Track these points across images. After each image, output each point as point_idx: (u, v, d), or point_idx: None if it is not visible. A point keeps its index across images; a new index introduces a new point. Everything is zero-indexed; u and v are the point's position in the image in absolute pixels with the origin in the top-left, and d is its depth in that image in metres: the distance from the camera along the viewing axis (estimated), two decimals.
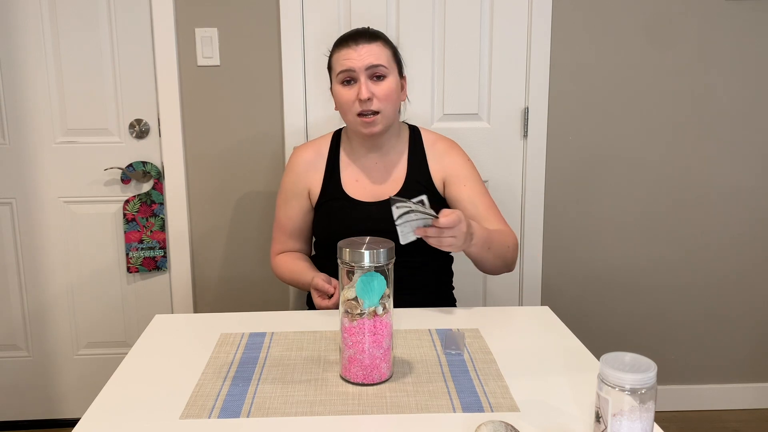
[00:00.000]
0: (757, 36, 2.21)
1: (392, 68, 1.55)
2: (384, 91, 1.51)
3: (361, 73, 1.50)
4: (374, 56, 1.51)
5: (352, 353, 1.08)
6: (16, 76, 2.15)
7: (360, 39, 1.52)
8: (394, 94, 1.54)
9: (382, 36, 1.56)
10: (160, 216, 2.25)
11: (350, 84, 1.53)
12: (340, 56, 1.53)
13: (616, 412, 0.84)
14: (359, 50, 1.51)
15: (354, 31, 1.56)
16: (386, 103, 1.52)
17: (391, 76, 1.53)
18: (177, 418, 1.00)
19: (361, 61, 1.50)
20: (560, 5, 2.17)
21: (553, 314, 1.42)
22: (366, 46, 1.51)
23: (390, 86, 1.53)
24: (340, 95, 1.55)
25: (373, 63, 1.50)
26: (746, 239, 2.36)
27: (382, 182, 1.62)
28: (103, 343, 2.34)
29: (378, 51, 1.52)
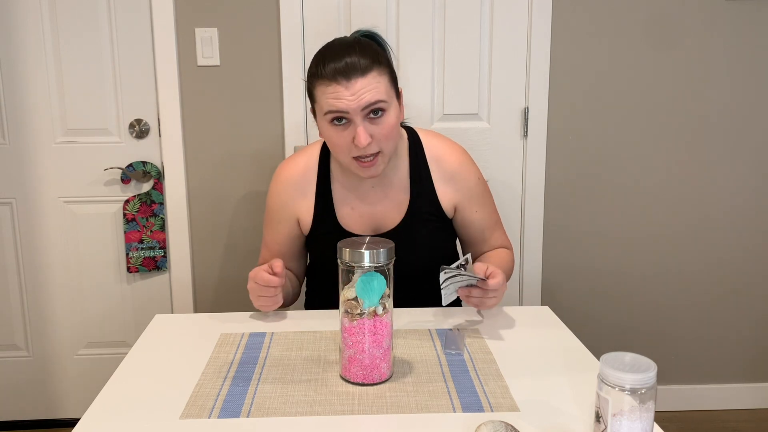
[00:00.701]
0: (757, 36, 2.21)
1: (391, 97, 1.29)
2: (385, 129, 1.28)
3: (356, 114, 1.25)
4: (372, 92, 1.24)
5: (352, 353, 1.08)
6: (16, 76, 2.15)
7: (352, 73, 1.23)
8: (396, 127, 1.31)
9: (375, 57, 1.27)
10: (160, 216, 2.25)
11: (342, 123, 1.27)
12: (326, 93, 1.25)
13: (616, 412, 0.84)
14: (352, 88, 1.23)
15: (344, 64, 1.24)
16: (388, 141, 1.30)
17: (391, 109, 1.29)
18: (177, 418, 1.00)
19: (357, 102, 1.23)
20: (560, 5, 2.17)
21: (553, 314, 1.42)
22: (360, 80, 1.23)
23: (391, 121, 1.28)
24: (330, 137, 1.30)
25: (370, 101, 1.24)
26: (746, 239, 2.36)
27: (381, 211, 1.43)
28: (103, 343, 2.34)
29: (375, 84, 1.25)
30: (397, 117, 1.31)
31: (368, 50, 1.27)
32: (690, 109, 2.26)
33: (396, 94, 1.33)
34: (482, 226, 1.51)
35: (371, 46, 1.30)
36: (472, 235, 1.53)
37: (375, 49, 1.30)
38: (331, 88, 1.24)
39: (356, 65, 1.24)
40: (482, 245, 1.55)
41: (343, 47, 1.27)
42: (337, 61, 1.24)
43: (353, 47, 1.27)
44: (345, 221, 1.44)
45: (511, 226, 2.23)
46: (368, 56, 1.26)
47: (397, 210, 1.44)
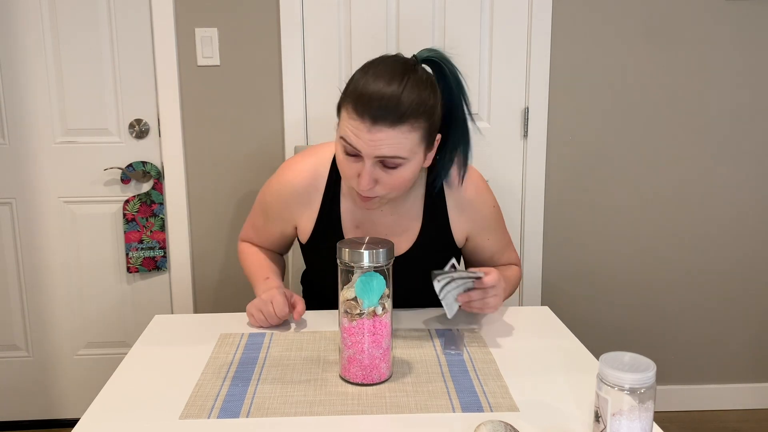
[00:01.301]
0: (757, 36, 2.21)
1: (416, 152, 1.17)
2: (394, 180, 1.18)
3: (368, 158, 1.15)
4: (393, 147, 1.13)
5: (351, 353, 1.08)
6: (16, 76, 2.15)
7: (381, 121, 1.11)
8: (409, 180, 1.21)
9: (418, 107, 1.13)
10: (160, 216, 2.25)
11: (354, 157, 1.18)
12: (349, 123, 1.14)
13: (616, 411, 0.84)
14: (374, 134, 1.12)
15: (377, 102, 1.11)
16: (394, 191, 1.21)
17: (409, 164, 1.17)
18: (176, 418, 1.00)
19: (372, 149, 1.13)
20: (560, 5, 2.17)
21: (552, 314, 1.42)
22: (386, 131, 1.12)
23: (404, 176, 1.18)
24: (341, 161, 1.21)
25: (386, 155, 1.14)
26: (747, 239, 2.35)
27: (389, 235, 1.34)
28: (103, 343, 2.34)
29: (399, 140, 1.13)
30: (414, 171, 1.20)
31: (413, 96, 1.13)
32: (690, 109, 2.25)
33: (428, 144, 1.20)
34: (492, 252, 1.46)
35: (422, 88, 1.15)
36: (481, 260, 1.48)
37: (423, 95, 1.15)
38: (354, 121, 1.14)
39: (388, 114, 1.11)
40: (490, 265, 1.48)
41: (390, 82, 1.12)
42: (373, 98, 1.12)
43: (397, 92, 1.12)
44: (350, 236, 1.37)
45: (511, 226, 2.22)
46: (407, 107, 1.12)
47: (407, 237, 1.37)
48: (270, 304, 1.29)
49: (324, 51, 2.17)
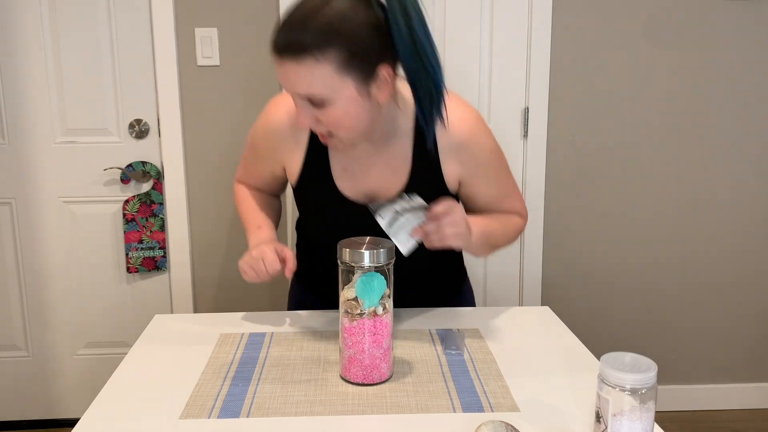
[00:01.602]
0: (757, 36, 2.21)
1: (339, 88, 1.06)
2: (330, 118, 1.10)
3: (293, 95, 1.10)
4: (302, 84, 1.06)
5: (352, 353, 1.08)
6: (16, 76, 2.15)
7: (284, 54, 1.05)
8: (349, 118, 1.11)
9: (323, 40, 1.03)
10: (160, 216, 2.25)
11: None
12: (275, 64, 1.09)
13: (617, 412, 0.84)
14: (283, 69, 1.06)
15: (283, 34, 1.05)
16: (339, 129, 1.13)
17: (339, 102, 1.08)
18: (177, 418, 1.00)
19: (287, 86, 1.09)
20: (560, 5, 2.17)
21: (553, 314, 1.42)
22: (291, 66, 1.05)
23: (337, 115, 1.09)
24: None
25: (300, 92, 1.08)
26: (746, 239, 2.36)
27: (377, 178, 1.27)
28: (103, 343, 2.34)
29: (306, 77, 1.05)
30: (351, 109, 1.09)
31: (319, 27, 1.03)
32: (690, 108, 2.25)
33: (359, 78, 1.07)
34: (488, 200, 1.32)
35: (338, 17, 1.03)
36: (476, 208, 1.34)
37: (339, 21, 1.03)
38: (274, 61, 1.08)
39: (289, 46, 1.04)
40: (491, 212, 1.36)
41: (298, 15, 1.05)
42: (281, 31, 1.06)
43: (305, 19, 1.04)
44: (339, 182, 1.27)
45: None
46: (312, 35, 1.03)
47: (396, 179, 1.27)
48: (261, 261, 1.28)
49: None
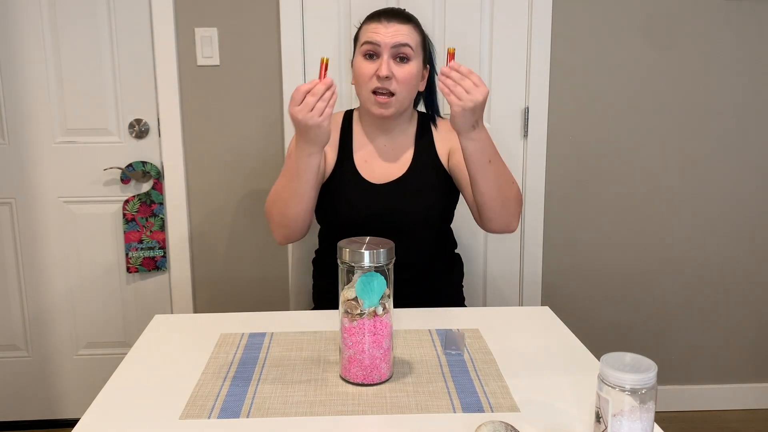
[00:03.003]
0: (757, 36, 2.21)
1: (418, 53, 1.50)
2: (405, 74, 1.47)
3: (385, 50, 1.45)
4: (403, 36, 1.46)
5: (351, 353, 1.08)
6: (16, 76, 2.15)
7: (393, 17, 1.48)
8: (414, 79, 1.50)
9: (415, 20, 1.53)
10: (160, 216, 2.25)
11: (372, 58, 1.48)
12: (368, 28, 1.49)
13: (617, 412, 0.84)
14: (390, 27, 1.46)
15: (389, 8, 1.54)
16: (404, 87, 1.48)
17: (414, 61, 1.49)
18: (177, 419, 1.00)
19: (389, 38, 1.45)
20: (560, 5, 2.17)
21: (553, 314, 1.42)
22: (398, 25, 1.47)
23: (411, 71, 1.48)
24: (360, 67, 1.49)
25: (400, 42, 1.46)
26: (747, 239, 2.35)
27: (389, 165, 1.57)
28: (103, 343, 2.34)
29: (408, 32, 1.48)
30: (418, 72, 1.51)
31: (412, 15, 1.54)
32: (690, 108, 2.25)
33: (424, 59, 1.53)
34: None
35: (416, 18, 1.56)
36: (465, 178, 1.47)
37: (417, 20, 1.56)
38: (372, 26, 1.48)
39: (400, 13, 1.51)
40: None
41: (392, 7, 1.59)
42: (385, 9, 1.54)
43: (402, 9, 1.55)
44: (361, 170, 1.56)
45: None
46: (411, 16, 1.53)
47: (403, 165, 1.57)
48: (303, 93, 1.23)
49: (324, 51, 2.17)
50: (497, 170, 1.36)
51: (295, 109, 1.23)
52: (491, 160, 1.34)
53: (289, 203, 1.39)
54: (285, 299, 2.28)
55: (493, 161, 1.35)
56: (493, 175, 1.35)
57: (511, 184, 1.41)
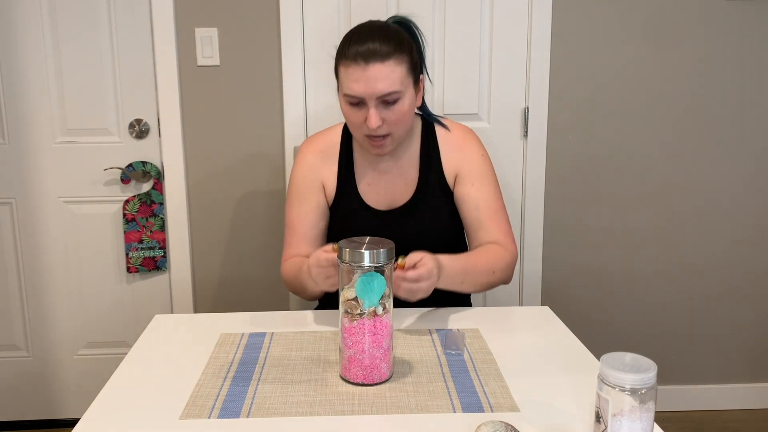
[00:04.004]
0: (757, 36, 2.21)
1: (408, 85, 1.37)
2: (396, 115, 1.36)
3: (370, 100, 1.34)
4: (386, 82, 1.32)
5: (352, 353, 1.08)
6: (16, 76, 2.15)
7: (371, 57, 1.31)
8: (409, 113, 1.39)
9: (398, 44, 1.34)
10: (160, 216, 2.25)
11: (358, 106, 1.36)
12: (347, 75, 1.34)
13: (617, 412, 0.84)
14: (369, 70, 1.31)
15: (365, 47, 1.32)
16: (398, 126, 1.39)
17: (405, 97, 1.36)
18: (177, 419, 1.00)
19: (370, 89, 1.32)
20: (560, 5, 2.17)
21: (553, 314, 1.42)
22: (377, 66, 1.31)
23: (403, 108, 1.37)
24: (346, 113, 1.40)
25: (383, 92, 1.33)
26: (746, 239, 2.35)
27: (394, 188, 1.51)
28: (103, 343, 2.34)
29: (390, 73, 1.32)
30: (410, 105, 1.39)
31: (392, 37, 1.35)
32: (690, 108, 2.25)
33: (415, 81, 1.40)
34: (477, 205, 1.48)
35: (398, 33, 1.37)
36: (468, 215, 1.49)
37: (400, 36, 1.37)
38: (351, 70, 1.33)
39: (377, 51, 1.32)
40: (477, 231, 1.49)
41: (370, 31, 1.35)
42: (360, 45, 1.33)
43: (378, 33, 1.35)
44: (365, 196, 1.51)
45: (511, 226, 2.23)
46: (390, 43, 1.33)
47: (410, 186, 1.51)
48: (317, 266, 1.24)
49: (324, 51, 2.17)
50: (474, 281, 1.40)
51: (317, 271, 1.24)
52: (463, 280, 1.37)
53: (303, 293, 1.46)
54: (285, 299, 2.28)
55: (465, 280, 1.37)
56: (471, 287, 1.41)
57: (494, 271, 1.42)
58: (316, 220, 1.52)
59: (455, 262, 1.33)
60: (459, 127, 1.56)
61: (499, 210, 1.50)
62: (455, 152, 1.51)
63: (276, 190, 2.24)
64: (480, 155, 1.53)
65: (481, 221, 1.48)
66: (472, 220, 1.49)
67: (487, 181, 1.51)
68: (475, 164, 1.51)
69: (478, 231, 1.49)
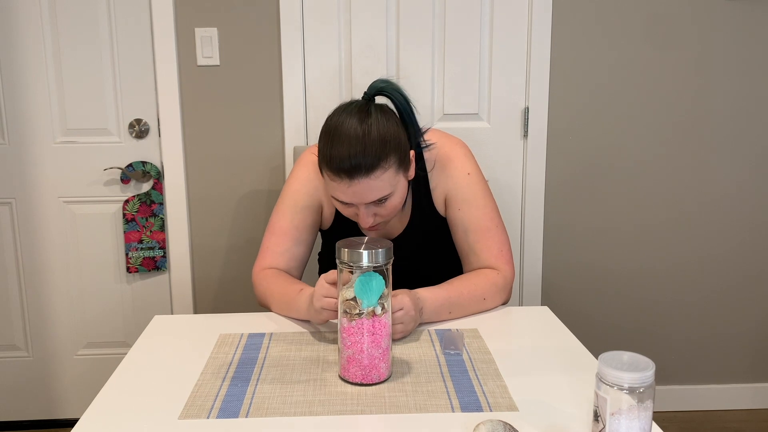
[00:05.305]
0: (757, 36, 2.21)
1: (398, 181, 1.31)
2: (388, 209, 1.33)
3: (360, 205, 1.30)
4: (374, 192, 1.27)
5: (350, 353, 1.08)
6: (16, 76, 2.15)
7: (355, 173, 1.24)
8: (401, 202, 1.35)
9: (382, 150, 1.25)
10: (160, 216, 2.25)
11: (347, 204, 1.31)
12: (332, 185, 1.28)
13: (615, 411, 0.84)
14: (355, 187, 1.25)
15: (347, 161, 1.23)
16: (391, 215, 1.35)
17: (396, 193, 1.32)
18: (176, 419, 1.00)
19: (359, 199, 1.28)
20: (560, 5, 2.17)
21: (552, 314, 1.42)
22: (363, 181, 1.25)
23: (395, 202, 1.32)
24: (337, 206, 1.35)
25: (373, 200, 1.28)
26: (746, 239, 2.35)
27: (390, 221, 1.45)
28: (103, 343, 2.34)
29: (378, 183, 1.26)
30: (402, 194, 1.34)
31: (375, 144, 1.24)
32: (690, 108, 2.25)
33: (404, 169, 1.32)
34: (466, 229, 1.44)
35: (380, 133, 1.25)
36: (458, 240, 1.46)
37: (383, 136, 1.26)
38: (335, 183, 1.27)
39: (360, 166, 1.23)
40: (469, 256, 1.45)
41: (351, 142, 1.24)
42: (343, 160, 1.24)
43: (361, 143, 1.23)
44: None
45: (511, 226, 2.23)
46: (374, 153, 1.24)
47: (404, 217, 1.49)
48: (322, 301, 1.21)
49: (324, 51, 2.17)
50: (463, 311, 1.38)
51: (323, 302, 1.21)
52: (450, 311, 1.36)
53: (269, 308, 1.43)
54: None
55: (453, 311, 1.36)
56: (460, 315, 1.38)
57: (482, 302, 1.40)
58: (305, 237, 1.47)
59: (437, 294, 1.32)
60: (444, 143, 1.47)
61: (490, 229, 1.43)
62: (441, 176, 1.45)
63: (276, 190, 2.25)
64: (465, 174, 1.44)
65: (471, 246, 1.44)
66: (463, 245, 1.46)
67: (474, 203, 1.43)
68: (461, 186, 1.44)
69: (469, 255, 1.45)
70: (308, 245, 1.49)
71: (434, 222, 1.49)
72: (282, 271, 1.44)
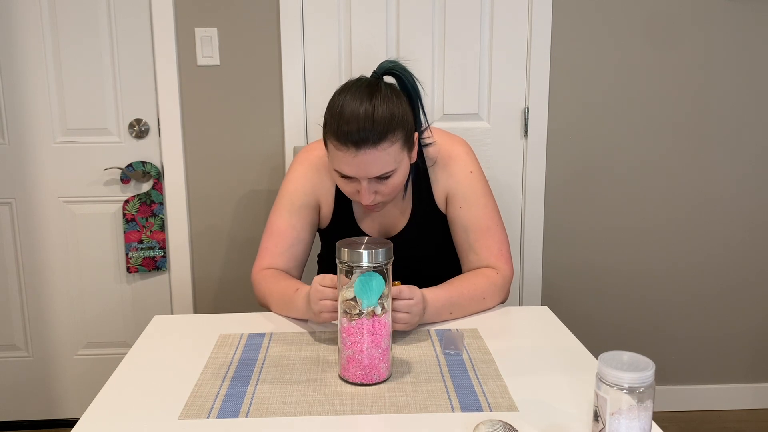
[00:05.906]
0: (757, 36, 2.21)
1: (402, 158, 1.30)
2: (390, 188, 1.31)
3: (362, 179, 1.29)
4: (379, 165, 1.26)
5: (350, 353, 1.08)
6: (16, 76, 2.15)
7: (362, 144, 1.23)
8: (402, 182, 1.34)
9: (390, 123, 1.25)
10: (160, 216, 2.25)
11: (349, 179, 1.31)
12: (337, 155, 1.27)
13: (615, 411, 0.84)
14: (361, 158, 1.25)
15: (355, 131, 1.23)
16: (391, 195, 1.34)
17: (399, 170, 1.31)
18: (176, 419, 1.00)
19: (363, 172, 1.27)
20: (560, 5, 2.17)
21: (552, 314, 1.42)
22: (370, 152, 1.24)
23: (396, 181, 1.31)
24: (338, 182, 1.35)
25: (377, 174, 1.27)
26: (746, 239, 2.35)
27: (390, 217, 1.48)
28: (103, 343, 2.34)
29: (384, 156, 1.26)
30: (405, 173, 1.33)
31: (384, 116, 1.24)
32: (690, 108, 2.25)
33: (409, 148, 1.32)
34: (466, 227, 1.44)
35: (389, 103, 1.26)
36: (458, 238, 1.47)
37: (392, 109, 1.26)
38: (341, 152, 1.26)
39: (368, 137, 1.23)
40: (468, 255, 1.45)
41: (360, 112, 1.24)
42: (351, 128, 1.23)
43: (370, 114, 1.23)
44: (361, 223, 1.49)
45: (511, 226, 2.23)
46: (382, 125, 1.24)
47: (404, 214, 1.48)
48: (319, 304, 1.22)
49: (324, 51, 2.17)
50: (464, 311, 1.38)
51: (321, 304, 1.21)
52: (451, 311, 1.36)
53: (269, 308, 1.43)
54: None
55: (453, 311, 1.36)
56: (461, 315, 1.38)
57: (482, 301, 1.40)
58: (304, 237, 1.47)
59: (439, 295, 1.32)
60: (446, 141, 1.48)
61: (491, 228, 1.44)
62: (442, 173, 1.45)
63: (276, 190, 2.24)
64: (467, 173, 1.45)
65: (471, 244, 1.44)
66: (462, 243, 1.46)
67: (475, 202, 1.44)
68: (462, 185, 1.44)
69: (468, 254, 1.45)
70: (307, 244, 1.49)
71: (435, 218, 1.49)
72: (281, 271, 1.45)
